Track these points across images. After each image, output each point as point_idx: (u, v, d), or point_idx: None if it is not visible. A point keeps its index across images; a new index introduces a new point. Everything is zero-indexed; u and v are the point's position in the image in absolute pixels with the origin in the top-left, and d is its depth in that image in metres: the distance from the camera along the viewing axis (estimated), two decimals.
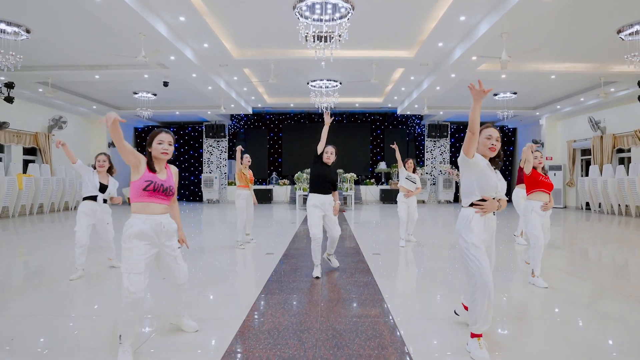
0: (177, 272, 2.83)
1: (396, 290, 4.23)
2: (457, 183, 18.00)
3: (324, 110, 12.58)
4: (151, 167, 2.68)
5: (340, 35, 7.30)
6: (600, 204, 13.11)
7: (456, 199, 18.22)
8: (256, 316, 3.34)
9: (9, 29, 7.34)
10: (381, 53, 9.77)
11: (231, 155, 19.28)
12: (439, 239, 7.74)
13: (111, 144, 16.39)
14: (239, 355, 2.62)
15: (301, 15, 7.36)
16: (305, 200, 15.58)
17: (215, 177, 17.72)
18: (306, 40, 7.52)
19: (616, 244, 7.37)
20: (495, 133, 2.78)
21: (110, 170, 4.95)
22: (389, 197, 17.41)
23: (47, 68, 10.09)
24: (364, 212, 13.68)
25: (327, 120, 4.77)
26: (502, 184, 2.78)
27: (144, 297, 2.54)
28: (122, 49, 8.58)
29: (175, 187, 2.82)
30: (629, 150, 12.89)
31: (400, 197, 6.97)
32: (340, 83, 12.41)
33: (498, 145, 2.75)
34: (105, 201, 4.88)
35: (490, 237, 2.78)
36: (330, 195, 4.73)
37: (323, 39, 7.55)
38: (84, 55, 9.43)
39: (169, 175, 2.79)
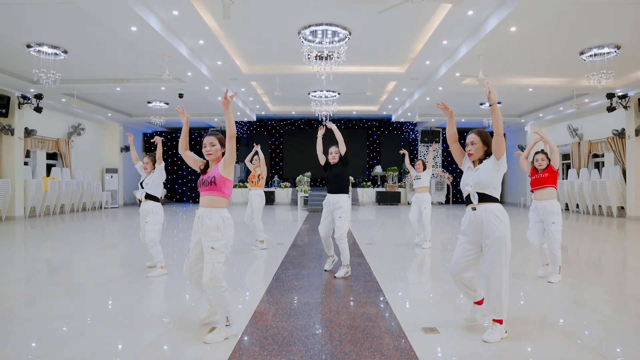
0: (205, 269, 2.84)
1: (400, 292, 4.23)
2: (449, 186, 19.11)
3: (324, 118, 13.68)
4: (202, 170, 3.09)
5: (339, 57, 8.42)
6: (577, 204, 14.25)
7: (448, 200, 19.33)
8: (259, 321, 3.28)
9: (49, 50, 8.40)
10: (375, 69, 10.88)
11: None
12: (435, 240, 7.72)
13: (123, 149, 17.44)
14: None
15: (305, 39, 8.47)
16: (306, 201, 16.66)
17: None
18: (309, 59, 8.64)
19: (591, 241, 8.41)
20: (469, 138, 2.99)
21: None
22: (384, 199, 18.48)
23: (75, 82, 11.14)
24: (360, 212, 14.75)
25: (321, 133, 5.18)
26: (475, 178, 2.91)
27: (195, 281, 2.99)
28: (145, 67, 9.66)
29: (216, 177, 2.90)
30: (602, 156, 14.04)
31: (413, 198, 7.14)
32: (339, 93, 13.51)
33: (474, 148, 2.95)
34: (147, 197, 4.92)
35: (485, 236, 2.85)
36: (338, 194, 4.83)
37: (324, 58, 8.67)
38: (110, 71, 10.50)
39: (213, 169, 2.98)
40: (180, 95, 11.84)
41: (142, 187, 5.02)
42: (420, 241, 7.12)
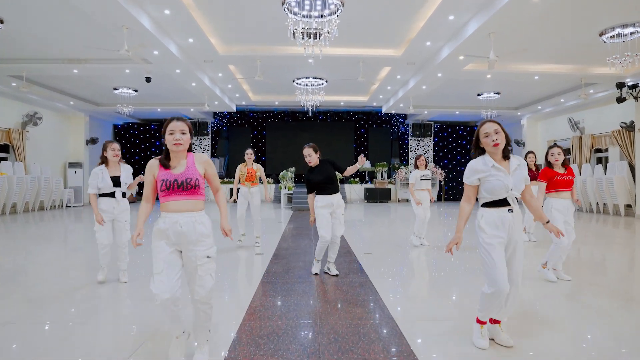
0: (194, 284, 2.42)
1: (393, 290, 4.15)
2: (440, 182, 18.17)
3: (310, 109, 12.49)
4: (164, 164, 2.47)
5: (329, 32, 7.22)
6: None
7: (440, 197, 18.40)
8: (253, 320, 3.22)
9: None
10: (368, 51, 9.72)
11: (214, 154, 18.97)
12: (429, 239, 7.63)
13: (89, 141, 15.89)
14: None
15: (290, 11, 7.24)
16: (290, 199, 15.45)
17: None
18: (294, 37, 7.42)
19: (595, 241, 7.53)
20: (491, 127, 2.64)
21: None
22: (373, 196, 17.43)
23: (21, 61, 9.66)
24: (349, 211, 13.64)
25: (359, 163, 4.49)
26: (516, 181, 2.63)
27: (176, 297, 2.33)
28: (103, 43, 8.27)
29: (199, 180, 2.47)
30: (606, 150, 13.25)
31: (417, 195, 6.61)
32: (326, 81, 12.32)
33: (500, 137, 2.61)
34: (124, 195, 4.40)
35: (514, 240, 2.65)
36: (337, 194, 4.60)
37: (312, 35, 7.45)
38: (62, 48, 9.06)
39: (189, 166, 2.47)
40: (148, 79, 10.46)
41: (118, 186, 4.38)
42: (417, 242, 6.73)
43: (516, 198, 2.67)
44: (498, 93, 13.22)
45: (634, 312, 3.51)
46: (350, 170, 4.53)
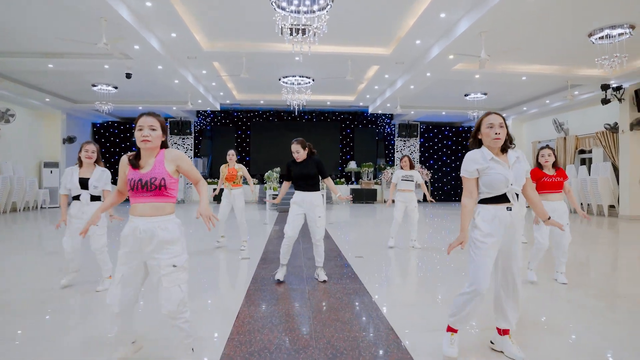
0: (160, 296, 2.20)
1: (389, 298, 3.94)
2: (426, 182, 18.14)
3: (296, 108, 12.25)
4: (132, 163, 2.29)
5: (317, 29, 6.98)
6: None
7: (425, 198, 18.34)
8: (242, 334, 2.96)
9: None
10: (357, 50, 9.53)
11: (197, 154, 18.53)
12: (423, 241, 7.47)
13: (66, 140, 15.28)
14: None
15: (278, 6, 6.99)
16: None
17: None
18: (281, 34, 7.17)
19: (580, 241, 7.51)
20: (496, 119, 2.49)
21: (97, 162, 4.17)
22: (359, 196, 17.28)
23: None
24: (334, 212, 13.43)
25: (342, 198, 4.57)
26: (516, 174, 2.47)
27: (128, 312, 2.30)
28: (80, 36, 7.85)
29: (166, 180, 2.26)
30: (590, 151, 13.39)
31: (397, 196, 6.53)
32: (313, 80, 12.09)
33: (503, 132, 2.46)
34: (97, 198, 4.10)
35: (513, 241, 2.50)
36: (314, 192, 4.39)
37: (301, 31, 7.21)
38: (37, 42, 8.58)
39: (156, 165, 2.27)
40: (128, 76, 10.03)
41: (86, 188, 4.06)
42: (394, 244, 6.58)
43: (516, 195, 2.48)
44: (485, 94, 13.22)
45: (620, 310, 3.53)
46: (330, 186, 4.57)
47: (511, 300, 2.53)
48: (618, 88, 10.98)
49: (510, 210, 2.45)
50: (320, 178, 4.48)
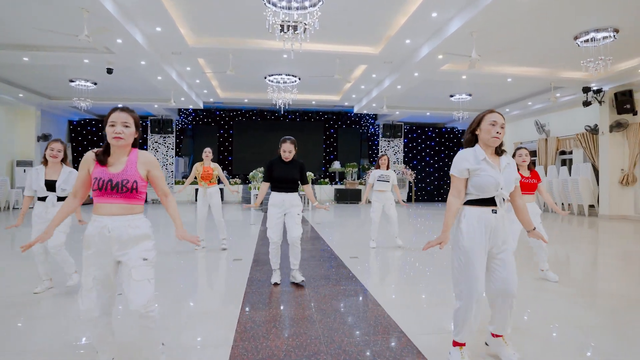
0: (129, 291, 2.07)
1: (391, 298, 3.84)
2: (410, 183, 18.24)
3: (281, 107, 12.07)
4: (100, 160, 2.14)
5: (307, 25, 6.84)
6: (544, 203, 13.80)
7: (409, 198, 18.46)
8: (246, 341, 2.80)
9: None
10: (345, 48, 9.44)
11: (178, 153, 18.10)
12: (404, 239, 7.42)
13: (41, 138, 14.66)
14: None
15: (268, 2, 6.83)
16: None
17: None
18: (272, 29, 7.00)
19: (561, 240, 7.62)
20: (500, 119, 2.42)
21: (64, 161, 3.94)
22: (343, 196, 17.22)
23: None
24: (320, 212, 13.32)
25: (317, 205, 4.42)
26: (506, 179, 2.39)
27: (107, 316, 2.18)
28: (59, 28, 7.48)
29: (138, 183, 2.15)
30: (570, 152, 13.70)
31: (373, 196, 6.56)
32: (299, 79, 11.95)
33: (503, 133, 2.42)
34: (62, 199, 3.86)
35: (502, 241, 2.41)
36: (294, 193, 4.25)
37: (292, 28, 7.07)
38: (11, 33, 8.15)
39: (128, 166, 2.15)
40: (109, 71, 9.67)
41: (53, 190, 3.85)
42: (375, 245, 6.49)
43: (503, 199, 2.41)
44: (470, 95, 13.35)
45: (600, 306, 3.56)
46: (309, 194, 4.44)
47: (507, 306, 2.43)
48: (598, 91, 11.26)
49: (496, 213, 2.39)
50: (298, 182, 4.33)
